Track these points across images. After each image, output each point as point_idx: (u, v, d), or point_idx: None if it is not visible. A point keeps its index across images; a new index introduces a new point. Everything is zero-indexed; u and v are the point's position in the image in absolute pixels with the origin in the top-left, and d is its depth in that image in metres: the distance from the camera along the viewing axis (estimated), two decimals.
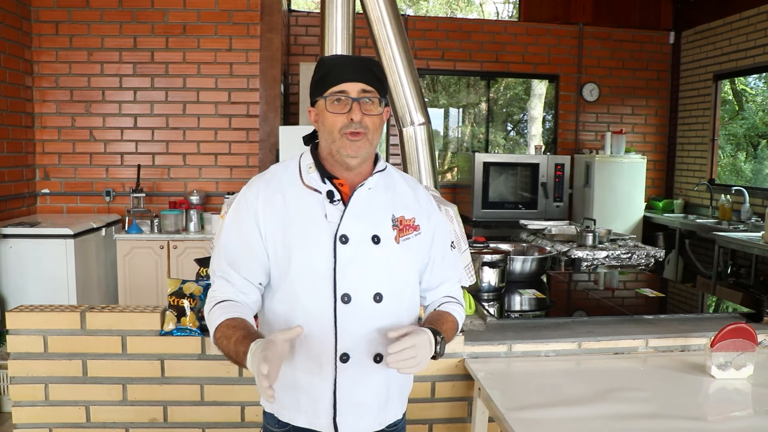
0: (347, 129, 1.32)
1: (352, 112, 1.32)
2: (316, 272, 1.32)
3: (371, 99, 1.35)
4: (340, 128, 1.33)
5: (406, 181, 1.50)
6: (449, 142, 8.08)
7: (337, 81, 1.33)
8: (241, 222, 1.37)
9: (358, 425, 1.38)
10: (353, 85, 1.33)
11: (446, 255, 1.51)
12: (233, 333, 1.26)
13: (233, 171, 4.81)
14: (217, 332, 1.29)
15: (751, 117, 8.09)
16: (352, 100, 1.33)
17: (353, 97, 1.33)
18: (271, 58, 4.62)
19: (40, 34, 4.55)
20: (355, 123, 1.32)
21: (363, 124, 1.33)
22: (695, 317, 2.30)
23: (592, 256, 3.89)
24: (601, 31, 6.39)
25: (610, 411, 1.59)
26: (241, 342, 1.23)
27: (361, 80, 1.34)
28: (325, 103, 1.34)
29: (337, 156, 1.35)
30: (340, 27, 2.76)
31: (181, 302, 1.99)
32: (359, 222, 1.34)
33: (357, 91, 1.33)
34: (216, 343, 1.30)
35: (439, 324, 1.40)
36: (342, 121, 1.32)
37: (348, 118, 1.32)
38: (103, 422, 1.99)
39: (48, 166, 4.67)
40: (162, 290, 4.25)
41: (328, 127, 1.34)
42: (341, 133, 1.32)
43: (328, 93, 1.34)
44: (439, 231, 1.49)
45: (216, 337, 1.30)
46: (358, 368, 1.34)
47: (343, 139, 1.33)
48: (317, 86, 1.37)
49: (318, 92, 1.36)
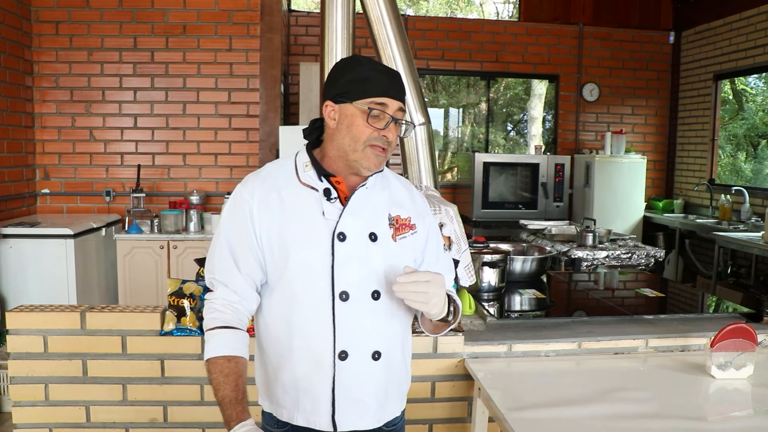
0: (376, 142, 1.31)
1: (387, 131, 1.32)
2: (313, 270, 1.32)
3: (404, 123, 1.36)
4: (367, 139, 1.31)
5: (401, 182, 1.51)
6: (449, 142, 8.08)
7: (380, 93, 1.31)
8: (237, 220, 1.36)
9: (357, 423, 1.38)
10: (394, 103, 1.33)
11: (440, 257, 1.52)
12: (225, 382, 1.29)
13: (233, 171, 4.81)
14: (211, 367, 1.32)
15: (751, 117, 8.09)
16: (391, 119, 1.32)
17: (392, 114, 1.32)
18: (271, 58, 4.62)
19: (40, 34, 4.55)
20: (385, 139, 1.33)
21: (389, 140, 1.34)
22: (695, 317, 2.30)
23: (592, 256, 3.89)
24: (601, 31, 6.39)
25: (610, 411, 1.59)
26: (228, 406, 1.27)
27: (401, 99, 1.34)
28: (360, 111, 1.31)
29: (354, 164, 1.34)
30: (340, 27, 2.76)
31: (181, 302, 1.98)
32: (357, 220, 1.34)
33: (395, 109, 1.33)
34: (207, 374, 1.33)
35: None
36: (373, 134, 1.32)
37: (380, 134, 1.32)
38: (103, 422, 1.99)
39: (48, 166, 4.67)
40: (162, 290, 4.25)
41: (354, 134, 1.32)
42: (367, 145, 1.32)
43: (368, 102, 1.31)
44: (432, 232, 1.50)
45: (208, 369, 1.33)
46: (356, 366, 1.34)
47: (366, 151, 1.32)
48: (354, 88, 1.32)
49: (354, 95, 1.31)
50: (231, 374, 1.30)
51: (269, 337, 1.39)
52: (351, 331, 1.33)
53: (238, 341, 1.34)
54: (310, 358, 1.34)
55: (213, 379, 1.31)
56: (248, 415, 1.27)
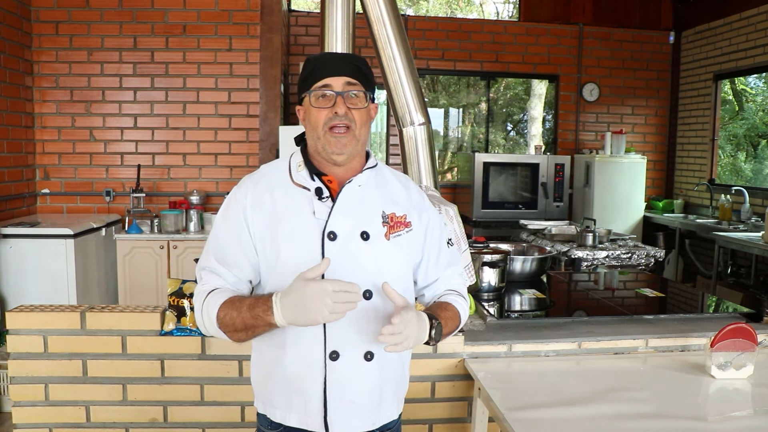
0: (332, 122, 1.31)
1: (336, 106, 1.32)
2: (303, 269, 1.32)
3: (356, 93, 1.34)
4: (324, 123, 1.32)
5: (398, 178, 1.49)
6: (449, 142, 8.08)
7: (322, 76, 1.33)
8: (231, 221, 1.37)
9: (349, 425, 1.37)
10: (337, 79, 1.33)
11: (442, 251, 1.49)
12: (240, 303, 1.27)
13: (233, 171, 4.81)
14: (220, 312, 1.28)
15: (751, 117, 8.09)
16: (336, 94, 1.32)
17: (337, 91, 1.32)
18: (271, 58, 4.63)
19: (40, 34, 4.55)
20: (341, 116, 1.31)
21: (349, 117, 1.32)
22: (695, 317, 2.30)
23: (592, 256, 3.89)
24: (601, 31, 6.39)
25: (610, 411, 1.59)
26: (254, 306, 1.24)
27: (345, 74, 1.33)
28: (310, 99, 1.34)
29: (324, 153, 1.34)
30: (340, 27, 2.76)
31: (181, 302, 1.99)
32: (347, 218, 1.33)
33: (341, 84, 1.33)
34: (221, 324, 1.29)
35: (438, 311, 1.39)
36: (326, 116, 1.32)
37: (332, 112, 1.32)
38: (103, 422, 1.99)
39: (48, 166, 4.67)
40: (162, 290, 4.25)
41: (313, 123, 1.34)
42: (325, 129, 1.32)
43: (313, 88, 1.33)
44: (432, 227, 1.47)
45: (220, 318, 1.28)
46: (348, 366, 1.34)
47: (327, 136, 1.32)
48: (303, 83, 1.36)
49: (303, 89, 1.36)
50: (243, 297, 1.30)
51: (263, 337, 1.38)
52: (342, 331, 1.32)
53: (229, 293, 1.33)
54: (301, 358, 1.34)
55: (226, 314, 1.27)
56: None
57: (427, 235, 1.46)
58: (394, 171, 1.52)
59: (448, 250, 1.53)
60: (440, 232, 1.51)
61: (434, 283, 1.50)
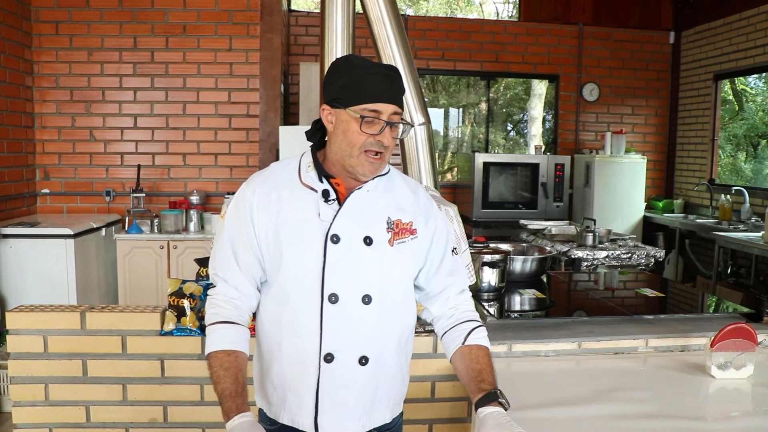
0: (371, 147, 1.30)
1: (382, 136, 1.30)
2: (305, 270, 1.32)
3: (399, 124, 1.33)
4: (362, 145, 1.30)
5: (408, 183, 1.48)
6: (449, 142, 8.08)
7: (373, 99, 1.29)
8: (240, 218, 1.37)
9: (340, 427, 1.37)
10: (388, 107, 1.30)
11: (445, 259, 1.48)
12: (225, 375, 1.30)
13: (233, 171, 4.81)
14: (212, 360, 1.32)
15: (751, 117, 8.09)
16: (385, 124, 1.30)
17: (386, 120, 1.30)
18: (271, 58, 4.63)
19: (40, 34, 4.55)
20: (381, 144, 1.31)
21: (385, 144, 1.32)
22: (695, 317, 2.30)
23: (592, 256, 3.89)
24: (601, 31, 6.39)
25: (610, 411, 1.59)
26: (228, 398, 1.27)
27: (396, 102, 1.32)
28: (354, 118, 1.29)
29: (351, 170, 1.34)
30: (340, 27, 2.76)
31: (181, 302, 1.98)
32: (352, 222, 1.33)
33: (390, 113, 1.31)
34: (208, 368, 1.33)
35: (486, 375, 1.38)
36: (368, 140, 1.30)
37: (376, 140, 1.30)
38: (103, 422, 1.99)
39: (48, 166, 4.67)
40: (162, 290, 4.24)
41: (349, 140, 1.31)
42: (361, 150, 1.31)
43: (361, 109, 1.29)
44: (438, 235, 1.46)
45: (209, 363, 1.33)
46: (342, 369, 1.34)
47: (361, 157, 1.31)
48: (347, 94, 1.30)
49: (347, 101, 1.30)
50: (231, 368, 1.30)
51: (263, 334, 1.41)
52: (338, 334, 1.33)
53: (238, 336, 1.34)
54: (297, 358, 1.34)
55: (213, 372, 1.31)
56: (247, 408, 1.27)
57: (433, 242, 1.45)
58: (405, 177, 1.51)
59: (452, 258, 1.51)
60: (446, 240, 1.49)
61: (440, 295, 1.48)
